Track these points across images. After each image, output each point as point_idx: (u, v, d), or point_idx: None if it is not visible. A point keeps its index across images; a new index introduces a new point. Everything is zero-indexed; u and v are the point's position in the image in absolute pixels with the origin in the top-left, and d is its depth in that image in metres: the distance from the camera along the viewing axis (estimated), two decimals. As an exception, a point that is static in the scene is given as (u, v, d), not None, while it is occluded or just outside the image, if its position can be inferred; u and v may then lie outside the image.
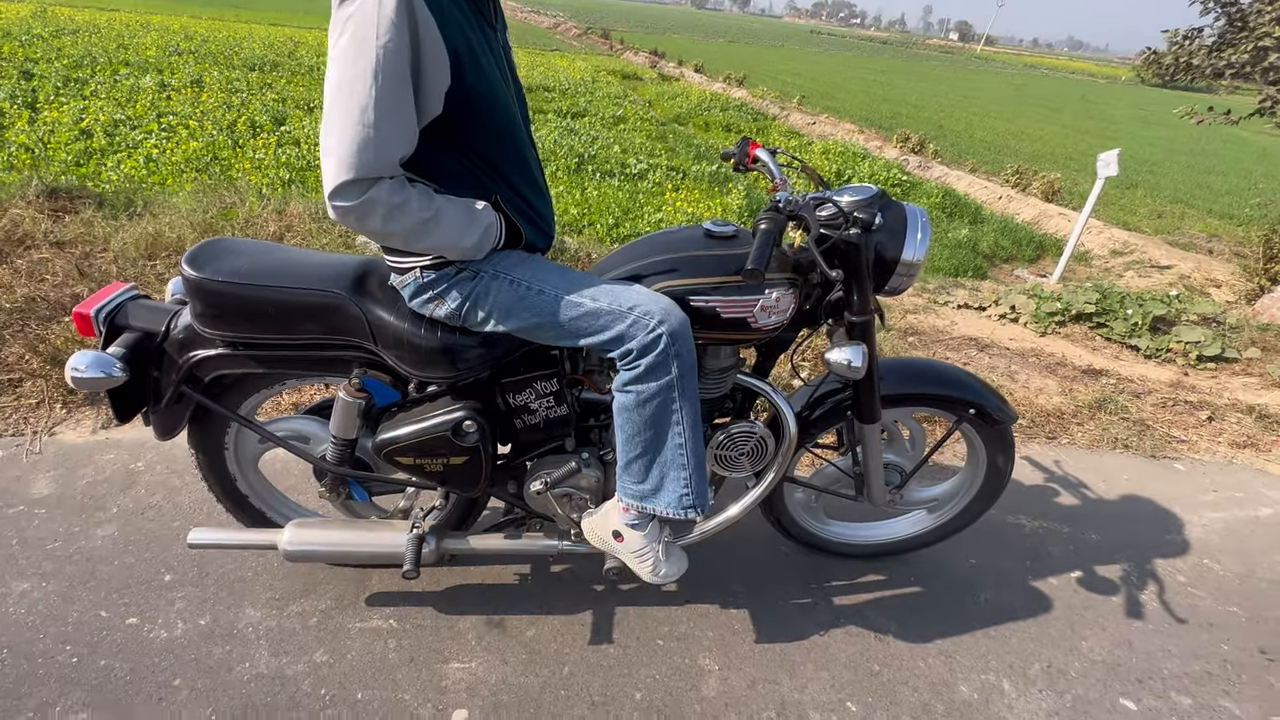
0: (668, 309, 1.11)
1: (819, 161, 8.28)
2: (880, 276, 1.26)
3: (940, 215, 7.20)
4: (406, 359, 1.18)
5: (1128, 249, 6.82)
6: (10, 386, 2.13)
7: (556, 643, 1.51)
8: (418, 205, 0.99)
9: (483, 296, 1.12)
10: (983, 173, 9.31)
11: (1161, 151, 13.32)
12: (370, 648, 1.44)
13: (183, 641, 1.41)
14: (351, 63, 0.89)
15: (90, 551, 1.61)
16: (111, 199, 3.62)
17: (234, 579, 1.57)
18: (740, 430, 1.39)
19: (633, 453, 1.20)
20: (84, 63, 8.69)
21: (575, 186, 6.17)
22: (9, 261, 2.80)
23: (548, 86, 11.28)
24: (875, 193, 1.23)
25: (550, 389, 1.28)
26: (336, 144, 0.91)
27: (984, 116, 15.95)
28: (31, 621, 1.42)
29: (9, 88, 6.88)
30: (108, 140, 5.76)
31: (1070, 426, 2.80)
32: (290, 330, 1.19)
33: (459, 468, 1.28)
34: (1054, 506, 2.20)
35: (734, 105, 12.46)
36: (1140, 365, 3.70)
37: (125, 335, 1.22)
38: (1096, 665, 1.60)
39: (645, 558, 1.31)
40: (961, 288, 4.73)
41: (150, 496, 1.80)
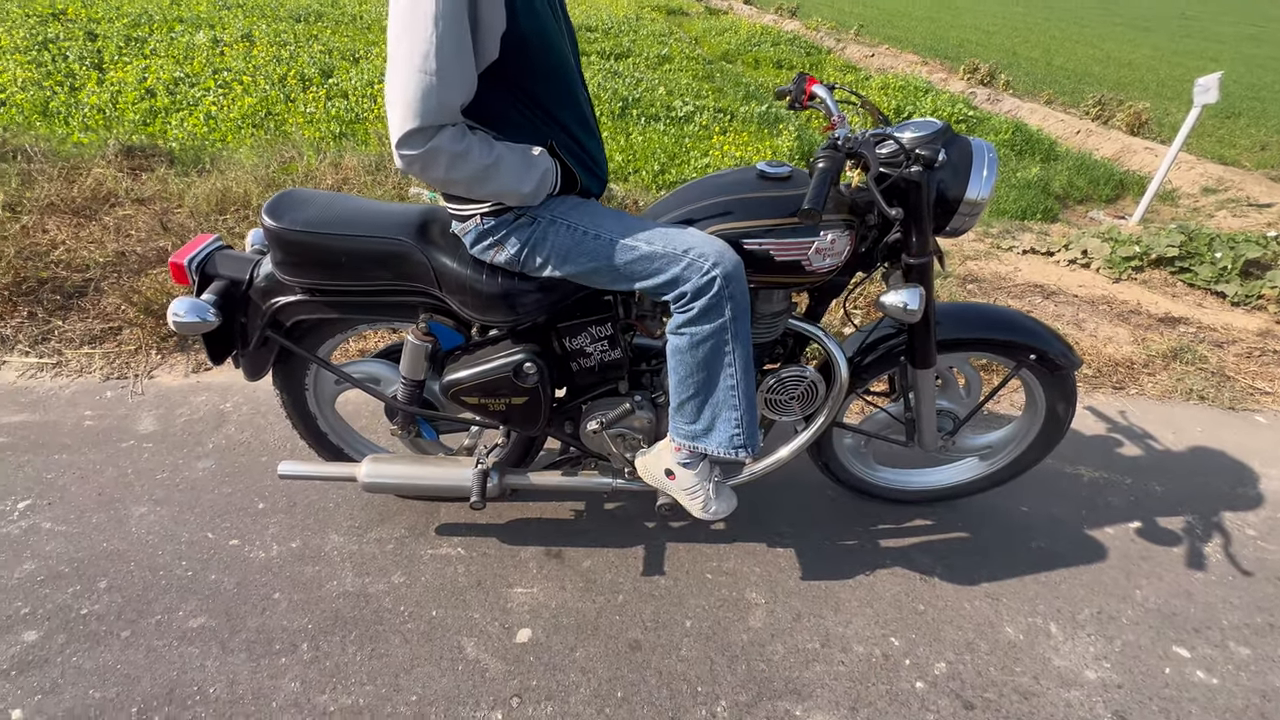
0: (722, 251, 1.11)
1: (877, 98, 7.79)
2: (941, 217, 1.22)
3: (1009, 154, 6.72)
4: (469, 304, 1.24)
5: (1222, 185, 6.22)
6: (111, 334, 2.34)
7: (611, 573, 1.60)
8: (479, 152, 1.02)
9: (540, 242, 1.15)
10: (1059, 104, 8.56)
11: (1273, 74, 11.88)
12: (441, 572, 1.57)
13: (278, 561, 1.58)
14: (412, 10, 0.90)
15: (193, 481, 1.79)
16: (181, 156, 3.80)
17: (318, 508, 1.73)
18: (791, 374, 1.40)
19: (686, 394, 1.24)
20: (142, 20, 8.91)
21: (620, 132, 6.03)
22: (98, 219, 3.01)
23: (590, 26, 10.89)
24: (940, 127, 1.18)
25: (605, 333, 1.32)
26: (401, 93, 0.94)
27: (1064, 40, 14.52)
28: (151, 540, 1.61)
29: (77, 49, 7.17)
30: (170, 99, 5.97)
31: (1140, 376, 2.67)
32: (362, 277, 1.25)
33: (520, 407, 1.35)
34: (1116, 457, 2.13)
35: (786, 39, 11.74)
36: (1226, 313, 3.45)
37: (215, 283, 1.32)
38: (1150, 613, 1.59)
39: (696, 495, 1.37)
40: (1029, 231, 4.46)
41: (240, 434, 1.97)
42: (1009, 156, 6.66)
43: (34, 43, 7.25)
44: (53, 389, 2.10)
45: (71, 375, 2.17)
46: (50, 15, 8.89)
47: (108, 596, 1.46)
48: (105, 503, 1.70)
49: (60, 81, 6.18)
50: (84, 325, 2.36)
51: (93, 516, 1.65)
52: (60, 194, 3.06)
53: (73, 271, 2.57)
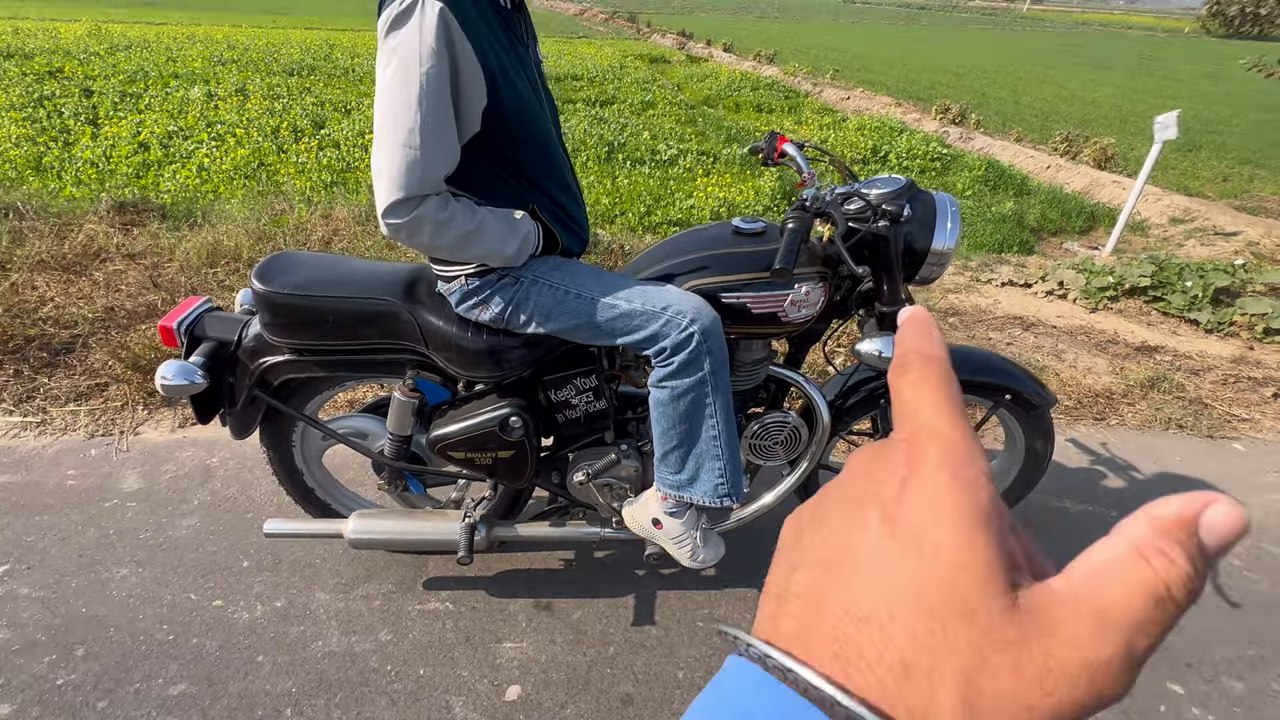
0: (699, 307, 1.15)
1: (853, 138, 8.07)
2: (910, 267, 1.27)
3: (983, 189, 6.95)
4: (455, 360, 1.26)
5: (1189, 216, 6.44)
6: (98, 390, 2.33)
7: (601, 624, 1.59)
8: (462, 218, 1.06)
9: (524, 301, 1.18)
10: (1029, 141, 8.90)
11: (1229, 108, 12.45)
12: (429, 628, 1.55)
13: (263, 622, 1.55)
14: (398, 90, 0.96)
15: (177, 540, 1.77)
16: (173, 211, 3.86)
17: (304, 565, 1.71)
18: (774, 420, 1.43)
19: (669, 444, 1.26)
20: (137, 77, 9.13)
21: (605, 176, 6.19)
22: (88, 274, 3.03)
23: (575, 75, 11.28)
24: (904, 184, 1.24)
25: (589, 385, 1.35)
26: (386, 165, 0.98)
27: (1030, 81, 15.18)
28: (132, 603, 1.58)
29: (72, 105, 7.33)
30: (163, 152, 6.08)
31: (1120, 407, 2.72)
32: (350, 336, 1.28)
33: (506, 460, 1.36)
34: (1101, 490, 2.16)
35: (765, 84, 12.20)
36: (1200, 340, 3.54)
37: (204, 345, 1.34)
38: (1142, 649, 1.59)
39: (684, 544, 1.37)
40: (1006, 264, 4.58)
41: (226, 490, 1.96)
42: (983, 191, 6.88)
43: (30, 100, 7.40)
44: (36, 448, 2.08)
45: (55, 434, 2.15)
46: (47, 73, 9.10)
47: (85, 665, 1.43)
48: (86, 565, 1.67)
49: (54, 137, 6.29)
50: (70, 382, 2.35)
51: (72, 580, 1.62)
52: (51, 251, 3.09)
53: (60, 328, 2.58)
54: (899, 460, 0.21)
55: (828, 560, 0.21)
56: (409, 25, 0.94)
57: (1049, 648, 0.17)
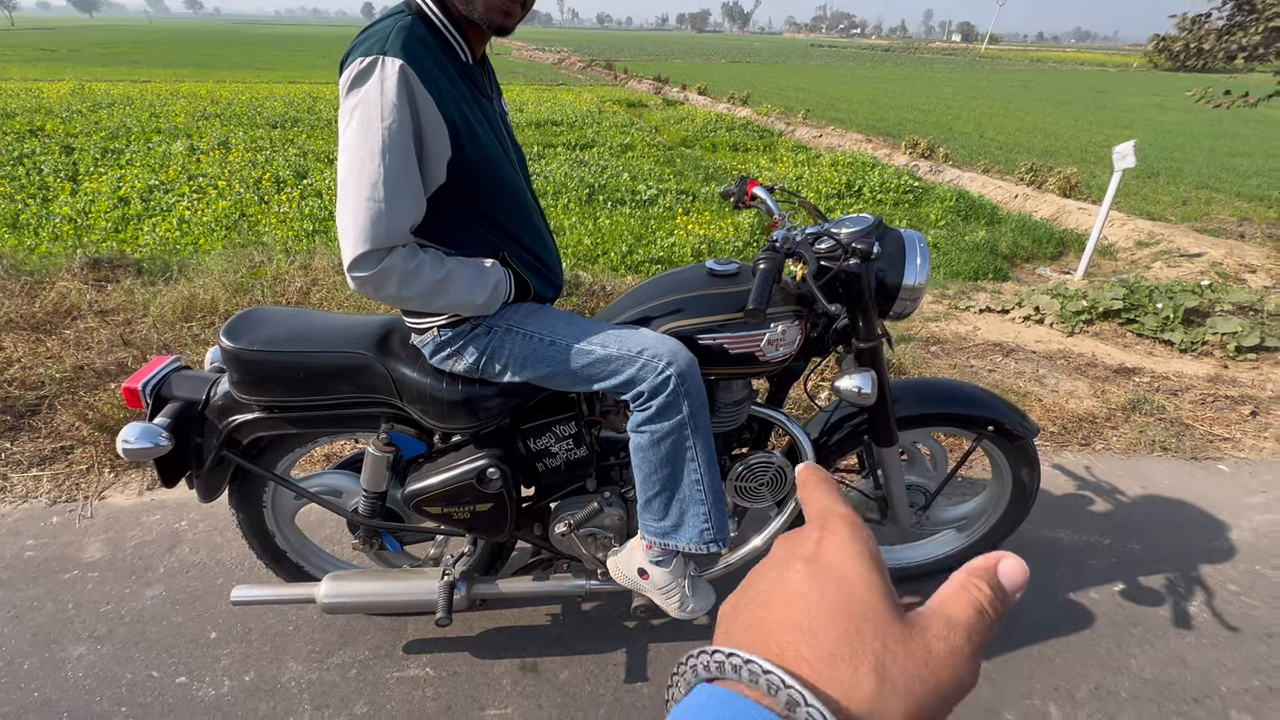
0: (675, 350, 1.14)
1: (828, 174, 8.30)
2: (884, 302, 1.28)
3: (955, 219, 7.14)
4: (430, 412, 1.23)
5: (1154, 239, 6.66)
6: (62, 454, 2.25)
7: (590, 684, 1.52)
8: (430, 269, 1.05)
9: (498, 350, 1.16)
10: (996, 172, 9.22)
11: (1181, 136, 13.04)
12: (409, 697, 1.47)
13: (229, 699, 1.46)
14: (360, 144, 0.96)
15: (140, 612, 1.67)
16: (149, 266, 3.82)
17: (275, 633, 1.62)
18: (758, 461, 1.40)
19: (651, 490, 1.22)
20: (119, 133, 9.21)
21: (587, 217, 6.28)
22: (58, 333, 2.97)
23: (555, 120, 11.56)
24: (872, 222, 1.25)
25: (569, 432, 1.32)
26: (351, 220, 0.97)
27: (993, 115, 15.85)
28: (89, 685, 1.48)
29: (52, 163, 7.34)
30: (143, 205, 6.08)
31: (1104, 431, 2.73)
32: (321, 391, 1.25)
33: (485, 514, 1.31)
34: (1091, 517, 2.14)
35: (739, 124, 12.60)
36: (1176, 360, 3.60)
37: (170, 405, 1.30)
38: (1148, 684, 1.54)
39: (672, 594, 1.32)
40: (983, 291, 4.67)
41: (194, 555, 1.87)
42: (955, 221, 7.07)
43: (9, 158, 7.40)
44: (-7, 518, 1.99)
45: (15, 501, 2.06)
46: (28, 132, 9.14)
47: (34, 757, 1.33)
48: (40, 644, 1.57)
49: (33, 194, 6.28)
50: (34, 446, 2.27)
51: (24, 663, 1.52)
52: (20, 310, 3.03)
53: (26, 390, 2.50)
54: (812, 532, 0.30)
55: (765, 600, 0.28)
56: (370, 82, 0.95)
57: (926, 640, 0.25)
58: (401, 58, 0.94)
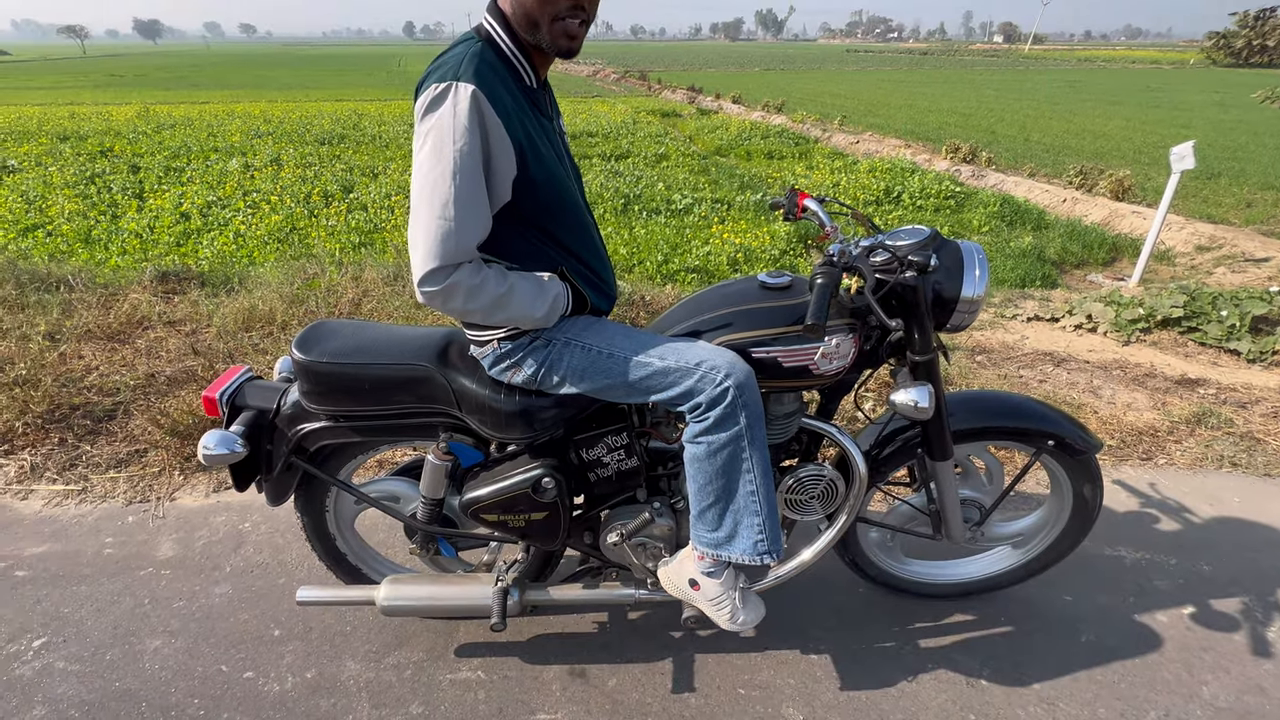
0: (732, 362, 1.15)
1: (865, 180, 8.18)
2: (941, 315, 1.26)
3: (999, 225, 6.95)
4: (488, 422, 1.27)
5: (1215, 243, 6.34)
6: (137, 457, 2.38)
7: (638, 692, 1.53)
8: (494, 283, 1.09)
9: (556, 362, 1.20)
10: (1042, 176, 8.93)
11: (1244, 135, 12.41)
12: (461, 699, 1.51)
13: (293, 694, 1.52)
14: (433, 166, 1.00)
15: (209, 609, 1.76)
16: (211, 278, 4.02)
17: (334, 633, 1.68)
18: (809, 474, 1.40)
19: (706, 501, 1.23)
20: (181, 153, 9.75)
21: (623, 227, 6.35)
22: (131, 342, 3.15)
23: (590, 132, 11.71)
24: (929, 234, 1.24)
25: (620, 443, 1.34)
26: (423, 237, 1.02)
27: (1038, 118, 15.37)
28: (164, 677, 1.56)
29: (120, 181, 7.81)
30: (202, 221, 6.41)
31: (1167, 445, 2.62)
32: (385, 402, 1.30)
33: (539, 522, 1.34)
34: (1156, 535, 2.05)
35: (774, 132, 12.53)
36: (1243, 371, 3.42)
37: (244, 414, 1.37)
38: (1222, 713, 1.47)
39: (723, 605, 1.32)
40: (1030, 299, 4.52)
41: (258, 555, 1.96)
42: (1000, 228, 6.87)
43: (82, 178, 7.90)
44: (76, 516, 2.12)
45: (96, 501, 2.19)
46: (99, 153, 9.74)
47: (117, 744, 1.41)
48: (120, 637, 1.67)
49: (103, 211, 6.69)
50: (111, 449, 2.41)
51: (107, 653, 1.62)
52: (97, 321, 3.23)
53: (104, 396, 2.66)
54: None
55: None
56: (444, 107, 0.99)
57: None
58: (473, 83, 0.99)
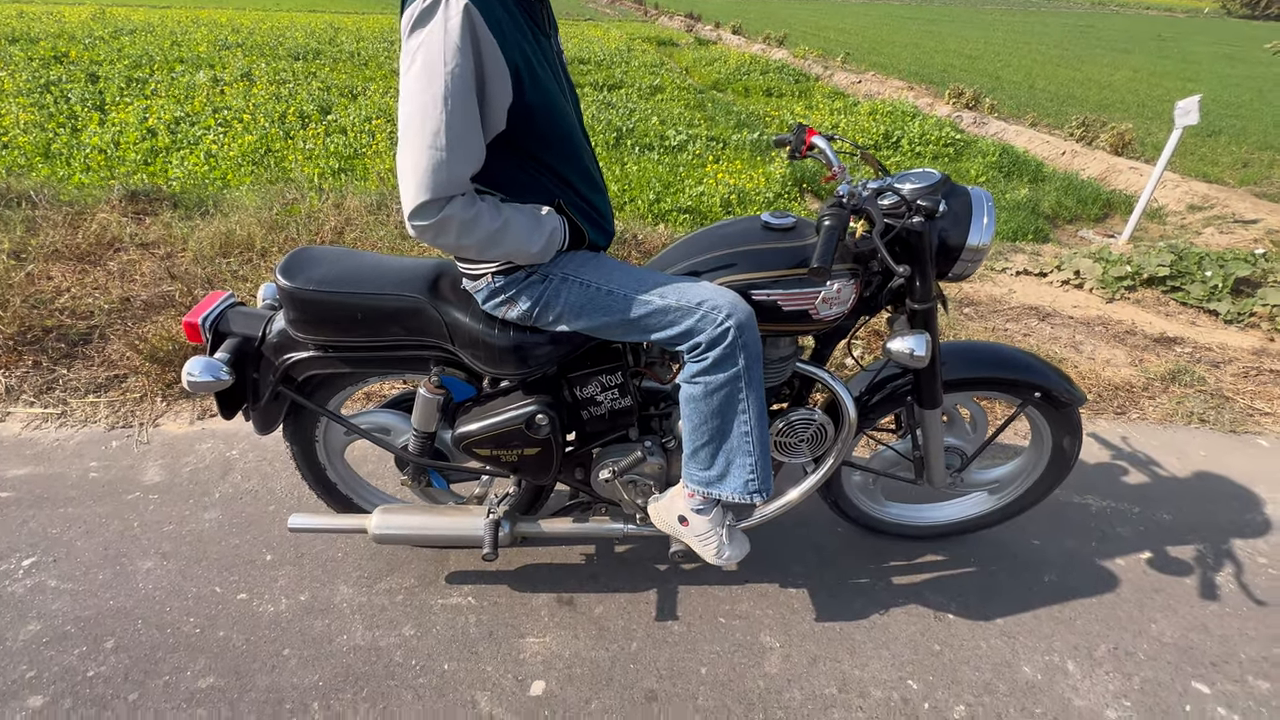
0: (734, 302, 1.14)
1: (865, 123, 7.94)
2: (944, 263, 1.25)
3: (997, 175, 6.84)
4: (481, 358, 1.25)
5: (1208, 203, 6.33)
6: (116, 382, 2.34)
7: (623, 619, 1.59)
8: (488, 217, 1.04)
9: (553, 299, 1.17)
10: (1044, 126, 8.75)
11: (1250, 92, 12.18)
12: (453, 623, 1.56)
13: (288, 615, 1.56)
14: (423, 89, 0.93)
15: (200, 533, 1.78)
16: (184, 200, 3.84)
17: (327, 559, 1.71)
18: (800, 418, 1.41)
19: (699, 440, 1.25)
20: (142, 62, 9.07)
21: (614, 162, 6.13)
22: (102, 264, 3.03)
23: (582, 59, 11.13)
24: (939, 178, 1.21)
25: (614, 381, 1.33)
26: (413, 168, 0.96)
27: (1045, 64, 14.89)
28: (159, 596, 1.59)
29: (79, 91, 7.29)
30: (170, 138, 6.05)
31: (1141, 400, 2.69)
32: (375, 333, 1.27)
33: (531, 458, 1.35)
34: (1122, 485, 2.14)
35: (774, 67, 12.01)
36: (1220, 332, 3.49)
37: (228, 341, 1.33)
38: (1167, 648, 1.58)
39: (709, 541, 1.36)
40: (1020, 252, 4.53)
41: (246, 482, 1.96)
42: (997, 179, 6.77)
43: (36, 85, 7.36)
44: (58, 440, 2.09)
45: (76, 425, 2.16)
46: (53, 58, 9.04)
47: (114, 658, 1.44)
48: (111, 558, 1.68)
49: (62, 123, 6.27)
50: (89, 373, 2.36)
51: (99, 573, 1.64)
52: (65, 240, 3.09)
53: (77, 319, 2.58)
54: None
55: None
56: (433, 23, 0.91)
57: None
58: None
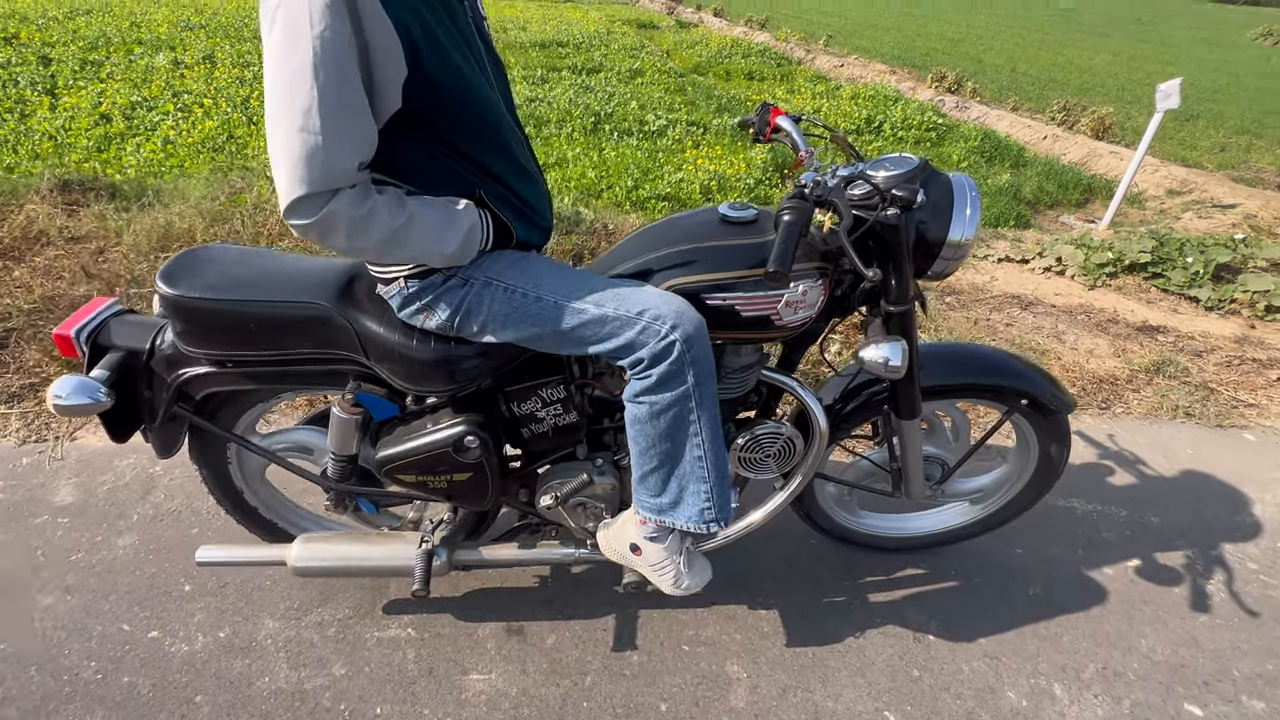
0: (680, 311, 0.99)
1: (848, 107, 7.79)
2: (923, 260, 1.11)
3: (979, 160, 6.75)
4: (400, 373, 1.10)
5: (1186, 187, 6.31)
6: (32, 391, 2.14)
7: (578, 650, 1.46)
8: (387, 214, 0.88)
9: (475, 306, 1.01)
10: (1026, 110, 8.67)
11: (1227, 77, 12.23)
12: (389, 659, 1.42)
13: (203, 655, 1.40)
14: (286, 59, 0.76)
15: (112, 562, 1.61)
16: (124, 190, 3.59)
17: (252, 588, 1.56)
18: (765, 432, 1.28)
19: (648, 465, 1.11)
20: (99, 44, 8.61)
21: (592, 148, 5.94)
22: (28, 260, 2.80)
23: (560, 41, 10.83)
24: (917, 164, 1.07)
25: (557, 395, 1.19)
26: (284, 156, 0.79)
27: (1027, 47, 14.83)
28: (57, 637, 1.43)
29: (29, 74, 6.88)
30: (126, 124, 5.72)
31: (1125, 393, 2.61)
32: (276, 346, 1.11)
33: (464, 484, 1.20)
34: (1108, 487, 2.05)
35: (756, 50, 11.79)
36: (1201, 319, 3.43)
37: (110, 355, 1.16)
38: (1158, 666, 1.49)
39: (665, 570, 1.23)
40: (1002, 239, 4.45)
41: (169, 502, 1.79)
42: (979, 164, 6.68)
43: (-19, 69, 6.94)
44: (-40, 458, 1.90)
45: (-17, 441, 1.97)
46: (1, 40, 8.56)
47: (1, 713, 1.28)
48: (7, 593, 1.51)
49: (10, 109, 5.91)
50: (1, 382, 2.16)
51: (-10, 612, 1.47)
52: (-16, 235, 2.85)
53: (-9, 322, 2.37)
54: None
55: None
56: None
57: None
58: None
